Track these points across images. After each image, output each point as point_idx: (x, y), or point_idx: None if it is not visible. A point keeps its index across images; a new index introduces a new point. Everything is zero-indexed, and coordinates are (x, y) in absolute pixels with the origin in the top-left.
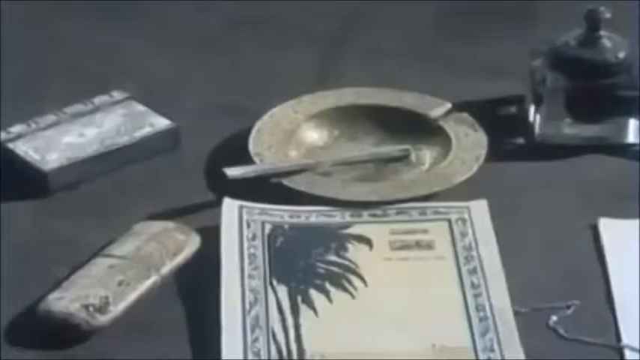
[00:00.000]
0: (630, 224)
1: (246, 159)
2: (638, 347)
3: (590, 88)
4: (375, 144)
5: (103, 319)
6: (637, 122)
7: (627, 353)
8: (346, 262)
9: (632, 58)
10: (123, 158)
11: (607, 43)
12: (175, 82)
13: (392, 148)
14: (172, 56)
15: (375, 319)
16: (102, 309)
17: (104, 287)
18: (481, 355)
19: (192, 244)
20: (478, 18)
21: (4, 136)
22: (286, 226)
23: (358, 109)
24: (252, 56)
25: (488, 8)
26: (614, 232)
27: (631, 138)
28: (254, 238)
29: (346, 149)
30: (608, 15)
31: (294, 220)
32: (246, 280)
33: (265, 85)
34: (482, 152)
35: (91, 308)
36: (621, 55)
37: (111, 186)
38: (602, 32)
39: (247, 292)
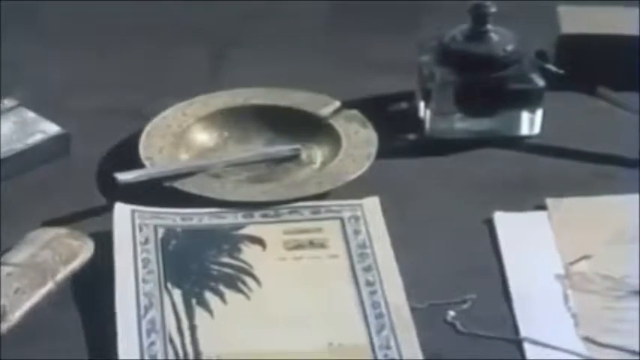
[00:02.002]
0: (524, 217)
1: (137, 163)
2: (536, 340)
3: (479, 82)
4: (265, 144)
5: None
6: (528, 115)
7: (526, 346)
8: (240, 264)
9: (520, 51)
10: (14, 166)
11: (494, 36)
12: (67, 87)
13: (282, 148)
14: (63, 61)
15: (271, 319)
16: None
17: (1, 296)
18: (378, 352)
19: (86, 249)
20: (368, 14)
21: None
22: (179, 229)
23: (248, 109)
24: (145, 58)
25: (378, 4)
26: (508, 225)
27: (523, 130)
28: (147, 242)
29: (237, 150)
30: (493, 9)
31: (187, 223)
32: (141, 285)
33: (159, 88)
34: (373, 149)
35: None
36: (509, 48)
37: (3, 194)
38: (489, 26)
39: (142, 297)
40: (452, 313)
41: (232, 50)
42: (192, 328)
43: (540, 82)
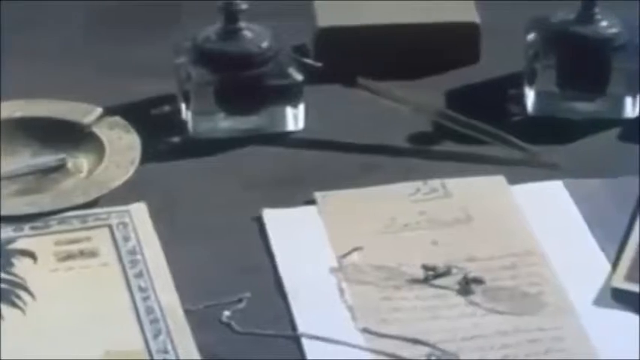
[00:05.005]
0: (294, 212)
1: None
2: (313, 334)
3: (237, 81)
4: (32, 156)
5: None
6: (291, 110)
7: (304, 341)
8: (13, 278)
9: (276, 47)
10: None
11: (248, 34)
12: None
13: (48, 159)
14: None
15: (48, 332)
16: None
17: None
18: (156, 357)
19: None
20: (125, 21)
21: None
22: None
23: (13, 122)
24: None
25: (137, 7)
26: (278, 221)
27: (288, 126)
28: None
29: (4, 164)
30: (244, 6)
31: None
32: None
33: None
34: (137, 154)
35: None
36: (264, 44)
37: None
38: (242, 24)
39: None
40: (227, 313)
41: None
42: None
43: (299, 77)
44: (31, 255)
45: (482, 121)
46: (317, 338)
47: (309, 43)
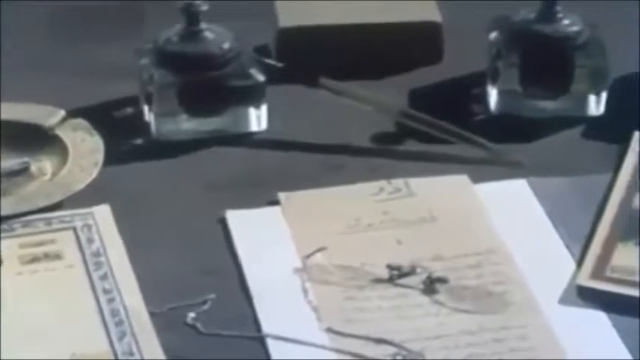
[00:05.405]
0: (258, 213)
1: None
2: (278, 335)
3: (199, 82)
4: None
5: None
6: (254, 110)
7: (269, 342)
8: None
9: (237, 48)
10: None
11: (209, 35)
12: None
13: (12, 162)
14: None
15: (13, 335)
16: None
17: None
18: (121, 359)
19: None
20: (89, 20)
21: None
22: None
23: None
24: None
25: (99, 9)
26: (242, 222)
27: (251, 127)
28: None
29: None
30: (204, 7)
31: None
32: None
33: None
34: (100, 156)
35: None
36: (226, 45)
37: None
38: (203, 25)
39: None
40: (192, 314)
41: None
42: None
43: (260, 78)
44: None
45: (445, 121)
46: (282, 339)
47: (270, 44)
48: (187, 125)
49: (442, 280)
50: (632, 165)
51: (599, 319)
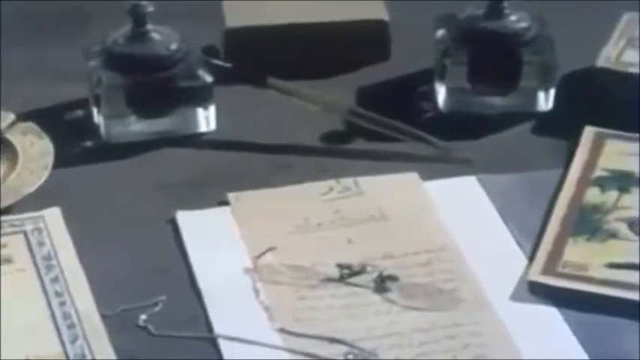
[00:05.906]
0: (207, 214)
1: None
2: (230, 336)
3: (147, 83)
4: None
5: None
6: (202, 111)
7: (221, 343)
8: None
9: (184, 49)
10: None
11: (156, 36)
12: None
13: None
14: None
15: None
16: None
17: None
18: None
19: None
20: (38, 21)
21: None
22: None
23: None
24: None
25: (47, 10)
26: (192, 223)
27: (200, 127)
28: None
29: None
30: (151, 8)
31: None
32: None
33: None
34: (50, 160)
35: None
36: (173, 46)
37: None
38: (150, 26)
39: None
40: (143, 316)
41: None
42: None
43: (208, 78)
44: None
45: (393, 119)
46: (234, 339)
47: (218, 44)
48: (136, 127)
49: (393, 278)
50: (582, 160)
51: (551, 314)
